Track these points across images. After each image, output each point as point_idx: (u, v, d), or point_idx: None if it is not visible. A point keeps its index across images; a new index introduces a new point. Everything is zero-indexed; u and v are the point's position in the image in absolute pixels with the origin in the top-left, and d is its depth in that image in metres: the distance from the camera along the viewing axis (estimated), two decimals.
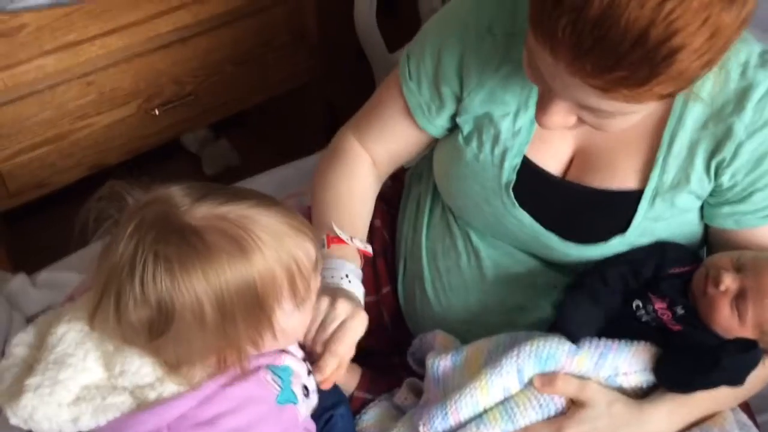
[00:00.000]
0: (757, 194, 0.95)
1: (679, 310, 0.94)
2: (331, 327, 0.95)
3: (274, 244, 0.81)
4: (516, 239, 1.06)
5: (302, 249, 0.85)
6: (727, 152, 0.93)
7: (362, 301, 1.03)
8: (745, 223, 0.97)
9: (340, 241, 1.07)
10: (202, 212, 0.80)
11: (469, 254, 1.10)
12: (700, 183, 0.96)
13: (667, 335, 0.93)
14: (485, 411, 0.94)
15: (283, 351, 0.93)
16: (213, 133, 2.31)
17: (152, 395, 0.83)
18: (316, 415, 1.02)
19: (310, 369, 0.97)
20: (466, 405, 0.94)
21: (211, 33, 1.71)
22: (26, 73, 1.47)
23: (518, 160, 1.02)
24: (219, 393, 0.84)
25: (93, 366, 0.84)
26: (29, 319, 1.31)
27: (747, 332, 0.91)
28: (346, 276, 1.03)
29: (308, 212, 1.19)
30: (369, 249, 1.11)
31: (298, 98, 2.08)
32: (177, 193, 0.81)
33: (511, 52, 0.99)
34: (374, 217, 1.19)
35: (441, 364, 1.01)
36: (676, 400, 0.91)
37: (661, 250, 0.99)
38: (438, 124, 1.10)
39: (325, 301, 0.96)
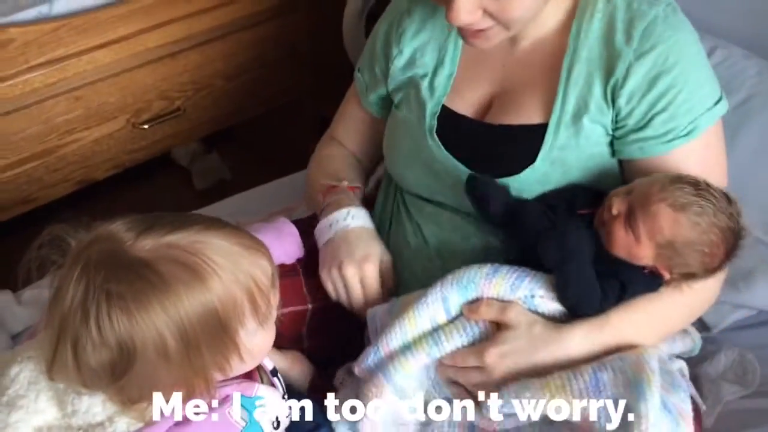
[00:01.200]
0: (657, 118, 0.99)
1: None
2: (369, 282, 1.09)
3: (229, 266, 0.80)
4: (444, 186, 1.12)
5: (258, 267, 0.83)
6: (618, 74, 0.99)
7: (369, 223, 1.15)
8: (650, 150, 1.00)
9: (331, 187, 1.18)
10: (150, 243, 0.78)
11: (413, 227, 1.16)
12: (599, 110, 1.01)
13: None
14: (413, 341, 0.98)
15: (254, 378, 0.91)
16: (204, 147, 2.31)
17: None
18: None
19: (285, 394, 0.96)
20: (395, 337, 0.98)
21: (202, 48, 1.72)
22: (13, 88, 1.47)
23: (437, 109, 1.13)
24: None
25: (45, 407, 0.83)
26: (14, 337, 1.30)
27: (646, 250, 0.93)
28: (348, 214, 1.13)
29: (300, 226, 1.21)
30: (357, 185, 1.22)
31: (290, 113, 2.08)
32: (120, 229, 0.79)
33: (426, 22, 1.14)
34: None
35: (378, 312, 1.05)
36: (593, 323, 0.94)
37: (571, 192, 1.03)
38: (374, 101, 1.25)
39: (335, 272, 1.08)
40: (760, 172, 1.24)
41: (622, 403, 0.87)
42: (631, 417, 0.85)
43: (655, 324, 0.99)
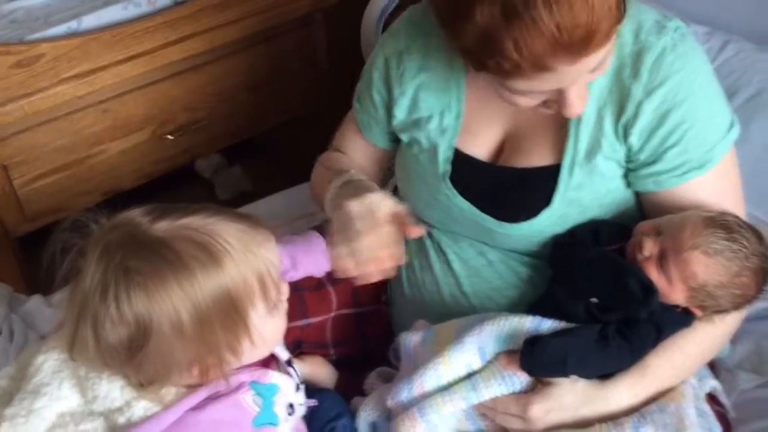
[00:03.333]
0: (669, 152, 0.98)
1: None
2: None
3: (242, 249, 0.83)
4: (464, 228, 1.12)
5: (268, 250, 0.86)
6: (629, 112, 0.98)
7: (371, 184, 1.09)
8: (664, 184, 1.00)
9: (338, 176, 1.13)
10: (166, 225, 0.81)
11: (436, 251, 1.16)
12: (612, 147, 1.00)
13: None
14: (452, 385, 0.97)
15: (269, 367, 0.93)
16: (226, 159, 2.35)
17: (121, 419, 0.84)
18: (317, 427, 1.03)
19: (299, 384, 0.98)
20: (429, 378, 0.98)
21: (224, 60, 1.76)
22: (44, 101, 1.52)
23: (450, 153, 1.11)
24: (188, 417, 0.84)
25: (68, 393, 0.86)
26: (44, 338, 1.33)
27: (678, 293, 0.94)
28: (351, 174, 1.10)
29: (318, 228, 1.21)
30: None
31: (311, 124, 2.10)
32: (136, 214, 0.83)
33: (427, 59, 1.10)
34: None
35: (412, 339, 1.06)
36: (634, 374, 0.94)
37: (594, 229, 1.03)
38: (377, 134, 1.22)
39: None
40: None
41: None
42: None
43: (694, 358, 0.99)
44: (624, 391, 0.94)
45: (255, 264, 0.84)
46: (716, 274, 0.91)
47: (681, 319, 0.96)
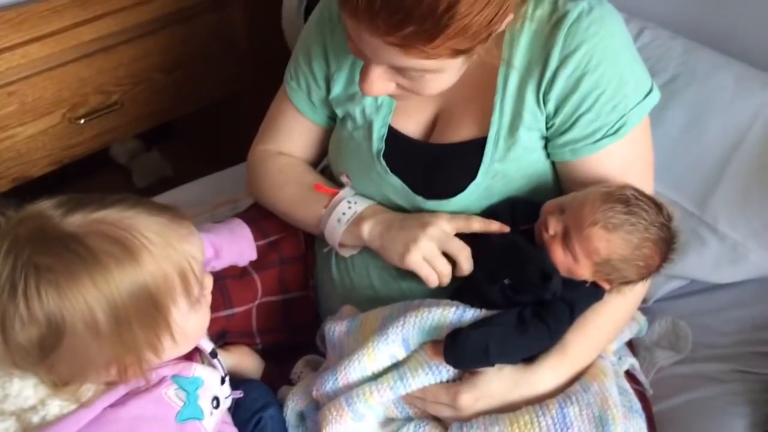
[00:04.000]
0: (582, 118, 0.99)
1: None
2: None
3: (161, 243, 0.80)
4: (396, 207, 1.12)
5: (190, 244, 0.83)
6: (546, 80, 0.99)
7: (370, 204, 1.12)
8: (580, 152, 1.02)
9: (325, 189, 1.16)
10: (79, 219, 0.77)
11: None
12: (533, 117, 1.01)
13: None
14: (378, 375, 0.98)
15: (193, 360, 0.91)
16: (143, 144, 2.28)
17: (35, 419, 0.80)
18: (244, 419, 1.02)
19: (224, 376, 0.96)
20: (354, 370, 0.99)
21: (138, 41, 1.69)
22: None
23: (384, 130, 1.11)
24: (107, 414, 0.82)
25: None
26: None
27: (584, 269, 0.96)
28: (348, 204, 1.12)
29: (243, 217, 1.23)
30: (345, 179, 1.18)
31: (230, 107, 2.06)
32: (47, 206, 0.79)
33: None
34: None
35: (336, 329, 1.06)
36: (555, 355, 0.96)
37: (511, 207, 1.05)
38: (319, 112, 1.21)
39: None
40: (686, 148, 1.29)
41: None
42: None
43: (608, 331, 1.02)
44: (548, 372, 0.96)
45: (176, 259, 0.81)
46: (618, 248, 0.94)
47: (591, 293, 0.99)
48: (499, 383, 0.95)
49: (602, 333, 1.01)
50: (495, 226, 1.03)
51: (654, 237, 0.95)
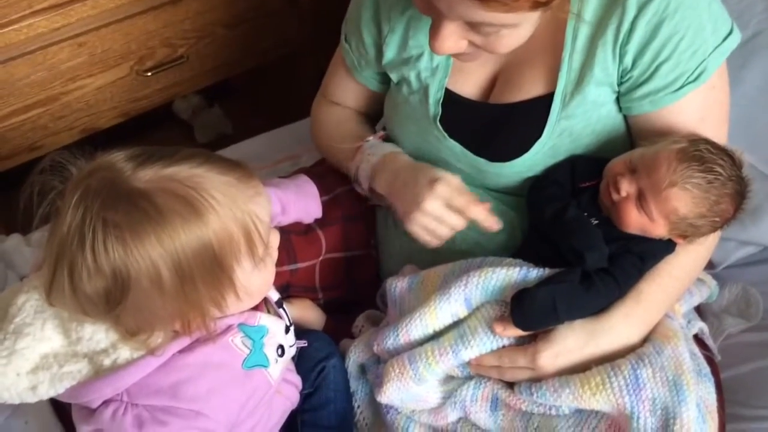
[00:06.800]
0: (663, 67, 0.96)
1: (593, 221, 0.98)
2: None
3: (227, 203, 0.79)
4: (456, 169, 1.09)
5: (257, 205, 0.82)
6: (624, 31, 0.95)
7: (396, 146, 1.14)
8: (661, 102, 0.98)
9: (358, 149, 1.16)
10: (149, 175, 0.77)
11: None
12: (604, 71, 0.98)
13: None
14: (439, 334, 0.98)
15: (259, 309, 0.91)
16: (205, 101, 2.29)
17: (107, 362, 0.82)
18: (308, 367, 1.02)
19: (288, 325, 0.97)
20: (415, 327, 0.98)
21: None
22: (17, 33, 1.46)
23: (441, 94, 1.09)
24: (176, 360, 0.83)
25: (52, 334, 0.83)
26: (24, 278, 1.30)
27: (661, 228, 0.95)
28: (368, 156, 1.13)
29: (305, 172, 1.23)
30: (380, 132, 1.20)
31: (291, 66, 2.06)
32: (119, 158, 0.78)
33: None
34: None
35: (398, 285, 1.06)
36: (628, 302, 0.94)
37: (571, 164, 1.03)
38: (369, 76, 1.21)
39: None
40: (764, 109, 1.25)
41: (660, 403, 0.87)
42: (671, 421, 0.86)
43: (682, 281, 1.00)
44: (620, 319, 0.94)
45: (241, 219, 0.80)
46: (696, 207, 0.93)
47: (663, 246, 0.97)
48: (574, 336, 0.93)
49: (676, 282, 0.98)
50: (489, 224, 1.02)
51: (731, 191, 0.94)
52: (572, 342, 0.93)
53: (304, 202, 1.14)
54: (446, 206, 1.01)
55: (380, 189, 1.11)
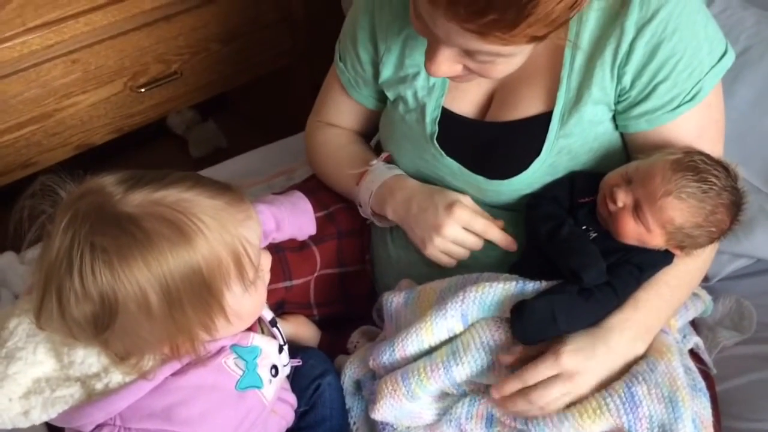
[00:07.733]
0: (660, 87, 0.97)
1: (592, 234, 0.98)
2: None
3: (216, 227, 0.79)
4: (453, 187, 1.10)
5: (247, 229, 0.82)
6: (622, 53, 0.96)
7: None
8: (657, 121, 0.99)
9: (363, 173, 1.16)
10: (138, 199, 0.77)
11: None
12: (602, 91, 0.99)
13: None
14: (434, 350, 0.98)
15: (252, 329, 0.91)
16: (200, 115, 2.30)
17: (99, 386, 0.81)
18: (303, 385, 1.02)
19: (282, 344, 0.96)
20: (411, 343, 0.99)
21: (196, 10, 1.70)
22: (11, 50, 1.46)
23: (437, 112, 1.09)
24: (169, 383, 0.83)
25: (44, 358, 0.83)
26: (17, 296, 1.30)
27: (657, 238, 0.96)
28: (372, 181, 1.13)
29: (302, 188, 1.23)
30: (384, 154, 1.19)
31: (285, 80, 2.07)
32: (109, 182, 0.78)
33: (408, 15, 1.03)
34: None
35: (394, 300, 1.06)
36: (626, 309, 0.94)
37: (570, 180, 1.04)
38: (366, 94, 1.21)
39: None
40: (758, 121, 1.25)
41: (657, 420, 0.87)
42: None
43: (679, 290, 1.00)
44: (620, 323, 0.93)
45: (231, 243, 0.80)
46: (692, 216, 0.93)
47: (662, 257, 0.98)
48: (581, 336, 0.91)
49: (673, 292, 0.99)
50: (507, 244, 1.06)
51: (726, 202, 0.94)
52: (582, 341, 0.91)
53: (298, 219, 1.14)
54: (465, 230, 1.04)
55: (392, 215, 1.11)
